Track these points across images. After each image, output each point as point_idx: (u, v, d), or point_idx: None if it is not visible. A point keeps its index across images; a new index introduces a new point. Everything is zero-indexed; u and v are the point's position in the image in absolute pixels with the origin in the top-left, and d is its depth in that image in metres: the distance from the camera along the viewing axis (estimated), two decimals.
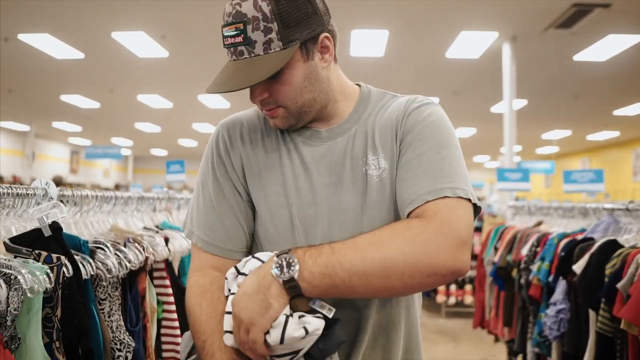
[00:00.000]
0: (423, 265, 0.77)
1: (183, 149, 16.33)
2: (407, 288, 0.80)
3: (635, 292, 1.71)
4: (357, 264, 0.76)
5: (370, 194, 0.91)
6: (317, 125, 0.98)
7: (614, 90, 7.97)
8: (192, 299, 0.93)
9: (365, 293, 0.81)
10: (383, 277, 0.76)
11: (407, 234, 0.78)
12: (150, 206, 1.96)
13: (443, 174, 0.85)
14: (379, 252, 0.77)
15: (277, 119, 0.93)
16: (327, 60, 0.93)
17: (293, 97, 0.90)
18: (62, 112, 10.69)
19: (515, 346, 3.04)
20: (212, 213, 0.96)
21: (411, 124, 0.92)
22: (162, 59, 6.61)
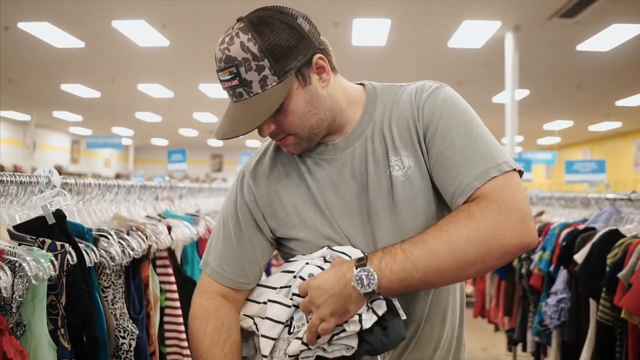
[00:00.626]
0: (492, 249, 0.79)
1: (184, 139, 16.32)
2: (483, 271, 0.83)
3: (636, 282, 1.71)
4: (430, 263, 0.80)
5: (396, 194, 0.91)
6: (331, 138, 0.97)
7: (616, 81, 7.93)
8: (196, 322, 0.98)
9: (442, 284, 0.88)
10: (457, 269, 0.80)
11: (470, 223, 0.80)
12: (153, 195, 1.96)
13: (481, 155, 0.85)
14: (448, 247, 0.79)
15: (289, 146, 0.94)
16: (326, 79, 0.92)
17: (300, 124, 0.91)
18: (62, 102, 10.67)
19: (515, 335, 3.06)
20: (230, 250, 1.00)
21: (428, 114, 0.91)
22: (163, 48, 6.58)
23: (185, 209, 2.20)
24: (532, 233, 0.81)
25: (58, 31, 5.98)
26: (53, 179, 1.24)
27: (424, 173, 0.91)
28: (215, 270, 1.00)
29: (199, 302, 1.01)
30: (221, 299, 1.00)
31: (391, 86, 1.00)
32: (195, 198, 2.59)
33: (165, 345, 1.62)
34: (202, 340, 0.96)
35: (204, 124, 13.11)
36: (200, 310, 0.99)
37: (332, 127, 0.95)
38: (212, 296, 1.00)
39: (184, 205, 2.24)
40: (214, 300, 1.00)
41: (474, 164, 0.84)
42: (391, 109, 0.95)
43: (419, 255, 0.80)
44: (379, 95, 0.98)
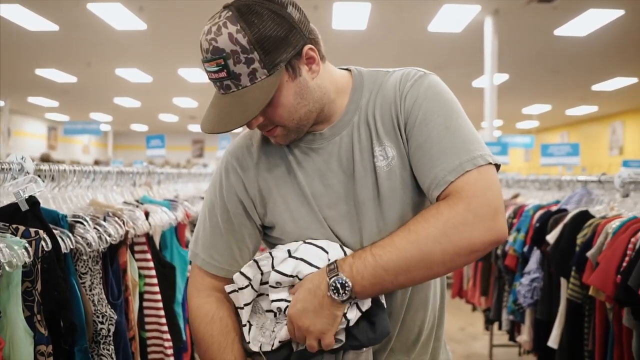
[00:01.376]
0: (460, 248, 0.80)
1: (164, 124, 16.10)
2: (454, 268, 0.84)
3: (603, 260, 1.78)
4: (399, 264, 0.81)
5: (381, 185, 0.91)
6: (319, 127, 0.96)
7: (593, 66, 8.06)
8: (201, 326, 0.97)
9: (416, 283, 0.91)
10: (426, 269, 0.82)
11: (438, 223, 0.80)
12: (130, 181, 1.95)
13: (457, 148, 0.85)
14: (417, 248, 0.81)
15: (277, 137, 0.93)
16: (315, 70, 0.90)
17: (289, 117, 0.89)
18: (37, 87, 10.41)
19: (491, 314, 3.15)
20: (220, 239, 0.98)
21: (409, 104, 0.90)
22: (140, 31, 6.45)
23: (164, 194, 2.20)
24: (501, 229, 0.81)
25: (30, 13, 5.81)
26: (26, 166, 1.23)
27: (406, 163, 0.91)
28: (205, 261, 0.98)
29: (198, 303, 0.99)
30: (218, 295, 0.98)
31: (377, 72, 0.98)
32: (174, 184, 2.58)
33: (146, 330, 1.63)
34: (211, 344, 0.96)
35: (184, 109, 12.94)
36: (201, 313, 0.98)
37: (320, 116, 0.94)
38: (208, 294, 0.99)
39: (162, 191, 2.24)
40: (212, 299, 0.98)
41: (449, 157, 0.84)
42: (376, 97, 0.94)
43: (389, 258, 0.81)
44: (365, 81, 0.97)
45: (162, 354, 1.64)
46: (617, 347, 1.77)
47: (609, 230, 1.88)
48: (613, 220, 1.93)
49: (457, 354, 3.78)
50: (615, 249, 1.75)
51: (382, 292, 0.87)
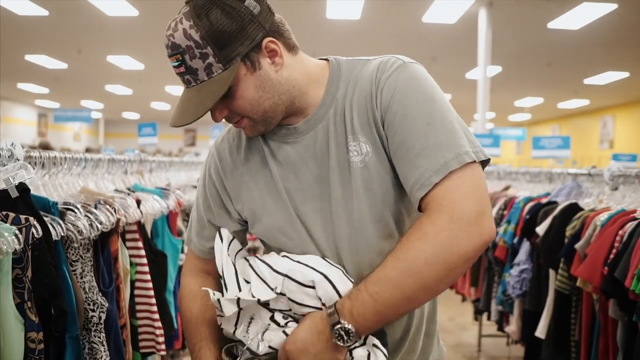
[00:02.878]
0: (453, 263, 0.79)
1: (156, 112, 15.98)
2: (451, 280, 0.83)
3: (591, 252, 1.80)
4: (399, 297, 0.81)
5: (354, 181, 0.89)
6: (293, 120, 0.94)
7: (585, 59, 8.09)
8: (184, 302, 1.04)
9: (416, 307, 0.93)
10: (426, 292, 0.82)
11: (425, 245, 0.79)
12: (122, 169, 1.94)
13: (441, 145, 0.81)
14: (410, 275, 0.80)
15: (246, 129, 0.93)
16: (278, 63, 0.88)
17: (251, 109, 0.88)
18: (27, 73, 10.27)
19: (480, 305, 3.18)
20: (204, 229, 1.03)
21: (386, 99, 0.86)
22: (132, 17, 6.37)
23: (156, 182, 2.19)
24: (488, 230, 0.80)
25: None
26: (16, 152, 1.22)
27: (383, 159, 0.88)
28: (197, 246, 1.04)
29: (186, 282, 1.05)
30: (206, 277, 1.04)
31: (357, 61, 0.94)
32: (167, 172, 2.57)
33: (137, 318, 1.63)
34: (190, 319, 1.02)
35: (176, 97, 12.83)
36: (187, 290, 1.04)
37: (292, 109, 0.92)
38: (197, 274, 1.04)
39: (154, 179, 2.23)
40: (199, 279, 1.04)
41: (433, 155, 0.81)
42: (353, 89, 0.91)
43: (387, 296, 0.80)
44: (343, 72, 0.93)
45: (154, 341, 1.64)
46: (602, 338, 1.80)
47: (597, 222, 1.90)
48: (602, 212, 1.96)
49: (447, 343, 3.81)
50: (603, 241, 1.78)
51: (387, 324, 0.88)
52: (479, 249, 0.80)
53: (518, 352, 3.30)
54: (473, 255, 0.80)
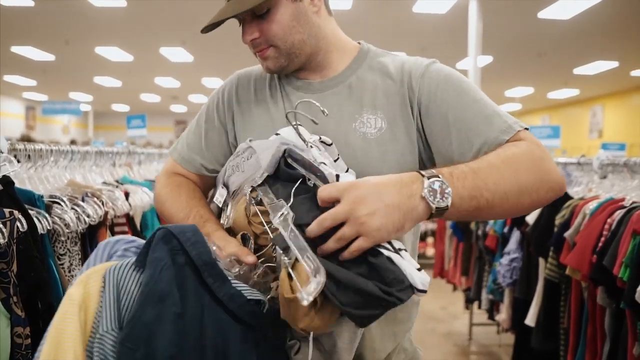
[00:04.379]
0: (545, 181, 0.80)
1: (146, 105, 15.82)
2: (533, 204, 0.81)
3: (580, 241, 1.82)
4: (499, 182, 0.76)
5: (363, 149, 0.91)
6: (310, 75, 0.98)
7: (575, 49, 8.11)
8: (165, 190, 1.00)
9: (499, 213, 0.81)
10: (517, 194, 0.78)
11: (524, 153, 0.81)
12: (110, 161, 1.92)
13: (497, 114, 0.87)
14: (514, 170, 0.78)
15: (268, 60, 0.94)
16: (317, 5, 0.94)
17: (282, 36, 0.91)
18: (13, 65, 10.10)
19: (471, 294, 3.21)
20: (199, 140, 1.04)
21: (430, 87, 0.91)
22: (120, 8, 6.28)
23: (145, 175, 2.17)
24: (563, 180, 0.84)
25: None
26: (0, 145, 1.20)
27: (397, 137, 0.91)
28: (181, 156, 1.04)
29: (165, 177, 1.04)
30: (184, 178, 1.04)
31: (386, 53, 1.01)
32: (157, 164, 2.55)
33: None
34: (178, 197, 0.97)
35: (166, 89, 12.71)
36: (168, 181, 1.02)
37: (313, 61, 0.96)
38: (177, 174, 1.04)
39: (143, 171, 2.21)
40: (179, 177, 1.04)
41: (495, 122, 0.85)
42: (381, 73, 0.95)
43: (489, 174, 0.76)
44: (370, 56, 0.99)
45: None
46: (590, 324, 1.82)
47: (586, 211, 1.92)
48: (591, 201, 1.97)
49: (438, 332, 3.86)
50: (591, 230, 1.79)
51: (472, 214, 0.76)
52: (559, 188, 0.82)
53: (508, 340, 3.33)
54: (556, 188, 0.81)
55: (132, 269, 0.70)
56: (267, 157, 0.80)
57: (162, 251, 0.70)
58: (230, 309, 0.71)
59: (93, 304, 0.68)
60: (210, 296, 0.71)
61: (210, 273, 0.70)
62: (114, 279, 0.69)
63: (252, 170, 0.83)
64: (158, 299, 0.66)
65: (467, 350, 3.61)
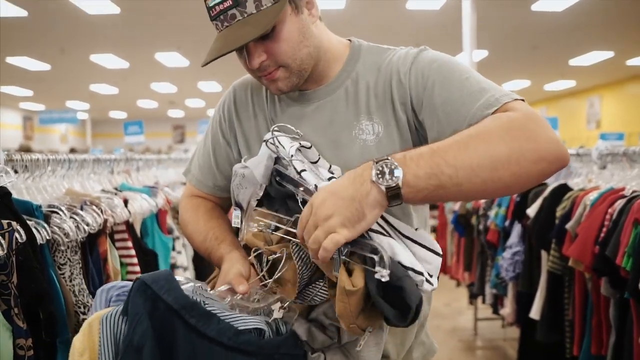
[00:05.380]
0: (527, 150, 0.72)
1: (143, 111, 15.82)
2: (516, 178, 0.73)
3: (582, 232, 1.81)
4: (462, 157, 0.71)
5: (363, 157, 0.88)
6: (306, 86, 0.96)
7: (570, 41, 8.11)
8: (187, 214, 1.05)
9: (474, 190, 0.74)
10: (490, 167, 0.72)
11: (500, 122, 0.74)
12: (108, 168, 1.91)
13: (486, 89, 0.82)
14: (481, 142, 0.72)
15: (279, 81, 0.90)
16: (315, 15, 0.92)
17: (292, 54, 0.88)
18: (9, 76, 10.09)
19: (474, 289, 3.20)
20: (208, 159, 1.06)
21: (417, 77, 0.88)
22: (114, 15, 6.27)
23: (144, 181, 2.16)
24: (564, 147, 0.75)
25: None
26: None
27: (394, 139, 0.90)
28: (195, 177, 1.08)
29: (186, 201, 1.09)
30: (204, 199, 1.07)
31: (377, 48, 0.98)
32: (155, 170, 2.54)
33: None
34: (197, 221, 1.02)
35: (162, 94, 12.71)
36: (188, 205, 1.07)
37: (314, 72, 0.94)
38: (196, 197, 1.08)
39: (141, 177, 2.20)
40: (198, 199, 1.07)
41: (482, 97, 0.81)
42: (371, 73, 0.93)
43: (449, 150, 0.72)
44: (362, 54, 0.96)
45: None
46: (595, 315, 1.82)
47: (587, 202, 1.91)
48: (591, 192, 1.97)
49: (443, 329, 3.85)
50: (593, 220, 1.78)
51: (436, 190, 0.71)
52: (555, 155, 0.73)
53: (514, 334, 3.33)
54: (548, 156, 0.73)
55: (121, 317, 0.76)
56: (260, 171, 0.85)
57: (136, 305, 0.74)
58: (222, 342, 0.73)
59: (95, 351, 0.76)
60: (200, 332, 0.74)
61: (192, 314, 0.73)
62: (107, 326, 0.75)
63: (252, 186, 0.87)
64: (135, 351, 0.71)
65: (472, 345, 3.61)
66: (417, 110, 0.89)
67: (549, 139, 0.74)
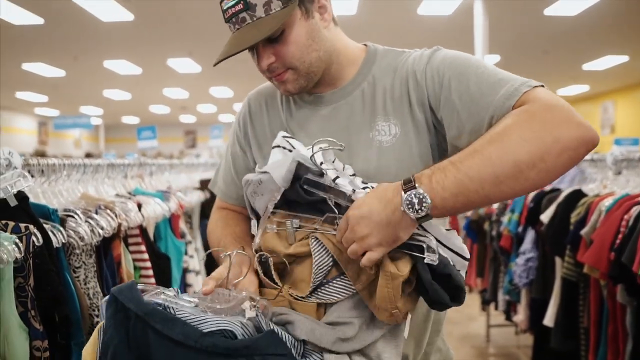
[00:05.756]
0: (549, 145, 0.72)
1: (155, 116, 15.97)
2: (544, 174, 0.73)
3: (597, 238, 1.79)
4: (485, 170, 0.72)
5: (379, 159, 0.90)
6: (320, 89, 0.97)
7: (583, 45, 8.04)
8: (211, 225, 1.09)
9: (503, 197, 0.76)
10: (516, 173, 0.72)
11: (519, 121, 0.74)
12: (122, 173, 1.93)
13: (505, 79, 0.83)
14: (501, 149, 0.73)
15: (287, 83, 0.92)
16: (327, 20, 0.93)
17: (300, 57, 0.90)
18: (25, 82, 10.27)
19: (487, 295, 3.18)
20: (229, 171, 1.09)
21: (432, 74, 0.89)
22: (127, 22, 6.35)
23: (156, 186, 2.18)
24: (590, 127, 0.74)
25: (14, 7, 5.70)
26: (14, 161, 1.21)
27: (409, 140, 0.90)
28: (221, 190, 1.11)
29: (214, 214, 1.12)
30: (232, 211, 1.10)
31: (392, 51, 0.99)
32: (170, 174, 2.57)
33: None
34: (215, 230, 1.06)
35: (174, 100, 12.82)
36: (214, 217, 1.10)
37: (326, 75, 0.95)
38: (223, 209, 1.11)
39: (154, 182, 2.22)
40: (224, 211, 1.10)
41: (500, 88, 0.81)
42: (389, 74, 0.94)
43: (471, 164, 0.73)
44: (378, 58, 0.98)
45: None
46: (611, 323, 1.79)
47: (602, 208, 1.89)
48: (606, 198, 1.94)
49: (455, 335, 3.82)
50: (608, 227, 1.76)
51: (466, 206, 0.75)
52: (580, 140, 0.73)
53: (527, 341, 3.29)
54: (572, 144, 0.73)
55: None
56: (281, 174, 0.84)
57: (107, 319, 0.76)
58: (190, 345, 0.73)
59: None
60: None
61: (156, 320, 0.74)
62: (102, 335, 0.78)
63: (269, 192, 0.87)
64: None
65: (485, 352, 3.57)
66: (435, 108, 0.89)
67: (571, 125, 0.73)
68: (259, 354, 0.73)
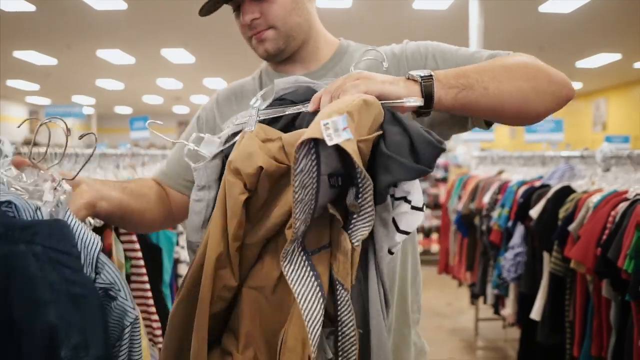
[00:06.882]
0: (544, 71, 0.85)
1: (148, 106, 15.88)
2: (535, 93, 0.83)
3: (584, 234, 1.81)
4: (483, 68, 0.81)
5: None
6: (294, 69, 1.00)
7: (577, 42, 8.08)
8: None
9: (498, 96, 0.80)
10: (509, 77, 0.82)
11: (512, 55, 0.89)
12: (114, 163, 1.93)
13: (481, 51, 0.93)
14: (498, 62, 0.84)
15: (266, 42, 0.95)
16: None
17: (283, 17, 0.93)
18: (16, 70, 10.15)
19: (476, 289, 3.21)
20: (178, 154, 1.08)
21: (416, 52, 0.96)
22: (121, 11, 6.29)
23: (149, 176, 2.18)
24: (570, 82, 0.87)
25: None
26: (4, 149, 1.20)
27: None
28: (161, 170, 1.11)
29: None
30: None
31: (363, 46, 1.02)
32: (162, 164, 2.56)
33: None
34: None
35: (168, 90, 12.75)
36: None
37: (303, 51, 0.99)
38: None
39: (147, 172, 2.22)
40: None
41: (482, 54, 0.92)
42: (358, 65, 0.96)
43: (469, 67, 0.82)
44: (350, 50, 1.02)
45: (151, 334, 1.64)
46: (596, 317, 1.82)
47: (589, 204, 1.91)
48: (594, 194, 1.97)
49: (444, 328, 3.86)
50: (595, 223, 1.79)
51: (466, 93, 0.77)
52: (568, 87, 0.86)
53: (514, 335, 3.33)
54: (562, 82, 0.86)
55: None
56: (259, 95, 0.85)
57: None
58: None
59: None
60: None
61: None
62: None
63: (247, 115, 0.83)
64: None
65: (473, 345, 3.61)
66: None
67: (555, 70, 0.86)
68: (39, 244, 0.58)
